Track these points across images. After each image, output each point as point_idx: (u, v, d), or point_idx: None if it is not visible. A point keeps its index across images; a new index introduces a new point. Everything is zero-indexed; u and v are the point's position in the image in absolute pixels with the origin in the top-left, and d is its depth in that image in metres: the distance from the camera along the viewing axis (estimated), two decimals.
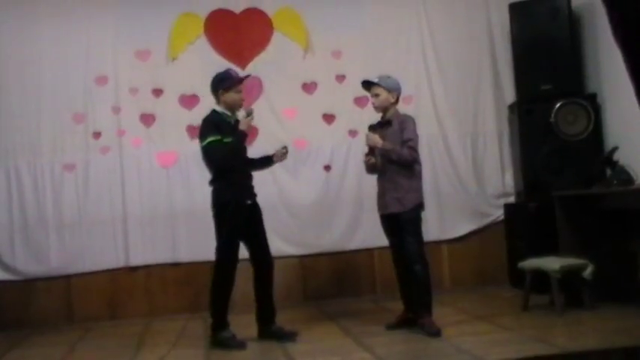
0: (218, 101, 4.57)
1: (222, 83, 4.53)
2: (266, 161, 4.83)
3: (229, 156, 4.46)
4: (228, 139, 4.44)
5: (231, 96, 4.53)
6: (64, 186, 5.84)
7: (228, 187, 4.45)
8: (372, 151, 4.63)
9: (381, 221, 4.74)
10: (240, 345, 4.41)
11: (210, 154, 4.46)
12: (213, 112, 4.57)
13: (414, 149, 4.47)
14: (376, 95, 4.60)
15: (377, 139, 4.54)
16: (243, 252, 4.59)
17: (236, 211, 4.42)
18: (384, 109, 4.64)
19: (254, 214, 4.60)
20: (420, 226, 4.56)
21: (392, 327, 4.64)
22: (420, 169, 4.61)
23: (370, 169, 4.74)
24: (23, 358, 4.75)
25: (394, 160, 4.49)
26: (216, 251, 4.49)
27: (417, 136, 4.54)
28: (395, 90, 4.62)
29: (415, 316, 4.52)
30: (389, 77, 4.67)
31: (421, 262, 4.49)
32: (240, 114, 4.63)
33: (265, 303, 4.61)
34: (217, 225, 4.49)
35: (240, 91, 4.59)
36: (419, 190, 4.57)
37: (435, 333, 4.33)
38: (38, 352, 4.86)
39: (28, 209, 5.78)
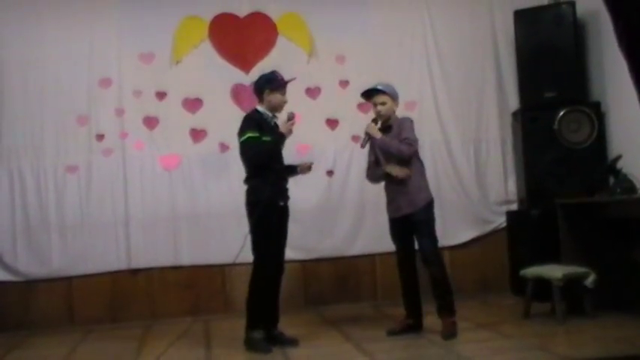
0: (261, 100, 4.59)
1: (270, 84, 4.56)
2: (291, 170, 4.81)
3: (264, 154, 4.48)
4: (266, 138, 4.46)
5: (276, 97, 4.56)
6: (67, 188, 5.84)
7: (264, 185, 4.44)
8: (365, 142, 4.67)
9: (390, 225, 4.72)
10: (267, 349, 4.37)
11: (246, 150, 4.47)
12: (256, 110, 4.61)
13: (411, 144, 4.47)
14: (383, 104, 4.59)
15: (376, 130, 4.56)
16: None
17: (270, 211, 4.41)
18: (388, 117, 4.64)
19: (284, 216, 4.62)
20: (434, 226, 4.56)
21: (393, 333, 4.63)
22: (424, 169, 4.65)
23: (373, 177, 4.74)
24: (24, 359, 4.75)
25: (393, 153, 4.49)
26: (257, 250, 4.46)
27: (414, 135, 4.54)
28: (397, 97, 4.67)
29: (439, 315, 4.50)
30: (388, 85, 4.68)
31: (437, 262, 4.50)
32: (282, 116, 4.63)
33: (271, 307, 4.61)
34: (252, 224, 4.47)
35: (284, 94, 4.62)
36: (427, 188, 4.60)
37: (448, 335, 4.33)
38: (39, 354, 4.86)
39: (31, 210, 5.78)
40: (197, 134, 5.96)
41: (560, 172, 5.68)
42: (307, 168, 4.80)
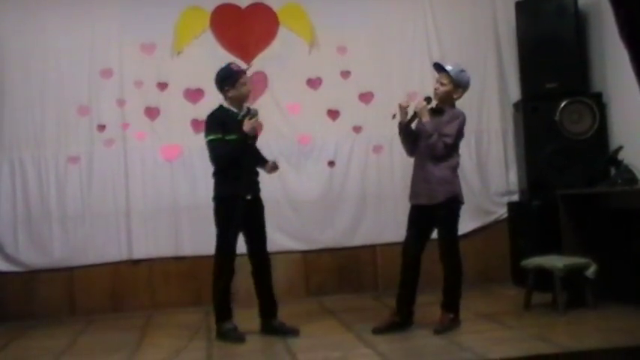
0: (225, 97, 4.56)
1: (228, 79, 4.52)
2: (263, 163, 4.78)
3: (227, 156, 4.47)
4: (231, 137, 4.44)
5: (238, 90, 4.52)
6: (68, 178, 5.84)
7: (229, 180, 4.47)
8: (408, 124, 4.45)
9: (411, 209, 4.54)
10: (240, 338, 4.43)
11: (211, 152, 4.50)
12: (220, 107, 4.57)
13: (448, 145, 4.32)
14: (442, 83, 4.44)
15: (425, 110, 4.37)
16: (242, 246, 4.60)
17: (233, 205, 4.42)
18: (442, 99, 4.46)
19: (254, 209, 4.59)
20: (456, 221, 4.42)
21: (379, 331, 4.43)
22: (456, 163, 4.44)
23: (407, 142, 4.54)
24: (26, 349, 4.76)
25: (428, 144, 4.34)
26: (218, 244, 4.51)
27: (459, 134, 4.41)
28: (463, 86, 4.47)
29: (441, 307, 4.46)
30: (462, 71, 4.49)
31: (453, 260, 4.40)
32: (242, 113, 4.55)
33: (266, 298, 4.62)
34: (216, 218, 4.52)
35: (245, 83, 4.58)
36: (452, 181, 4.39)
37: (439, 330, 4.31)
38: (40, 344, 4.86)
39: (32, 201, 5.78)
40: (198, 125, 5.93)
41: (561, 163, 5.68)
42: (273, 167, 4.75)
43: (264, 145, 6.01)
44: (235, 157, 4.47)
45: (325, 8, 6.17)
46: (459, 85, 4.45)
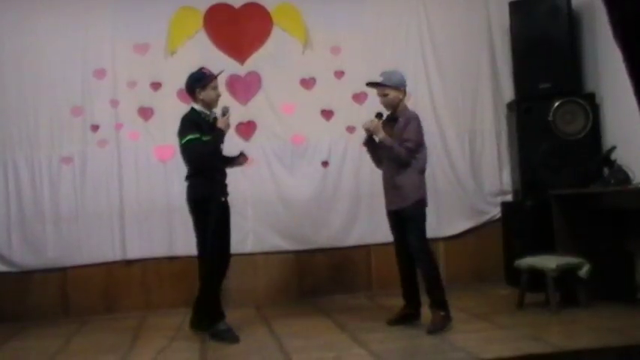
0: (195, 100, 4.62)
1: (198, 82, 4.59)
2: (230, 162, 4.83)
3: (208, 154, 4.52)
4: (207, 137, 4.49)
5: (208, 94, 4.59)
6: (62, 179, 5.83)
7: (206, 182, 4.51)
8: (370, 140, 4.62)
9: (387, 216, 4.72)
10: (234, 338, 4.44)
11: (189, 152, 4.51)
12: (192, 110, 4.62)
13: (411, 150, 4.44)
14: (384, 95, 4.56)
15: (378, 128, 4.50)
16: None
17: (212, 207, 4.46)
18: (394, 107, 4.59)
19: (225, 211, 4.66)
20: (423, 222, 4.52)
21: (393, 322, 4.66)
22: (421, 166, 4.56)
23: (373, 156, 4.72)
24: (19, 350, 4.75)
25: (389, 153, 4.49)
26: (201, 246, 4.54)
27: (419, 135, 4.51)
28: (402, 85, 4.60)
29: (430, 309, 4.50)
30: (393, 72, 4.65)
31: (425, 258, 4.49)
32: (217, 112, 4.65)
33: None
34: (196, 220, 4.56)
35: (215, 88, 4.64)
36: (420, 186, 4.54)
37: (432, 329, 4.34)
38: (34, 345, 4.85)
39: (26, 201, 5.77)
40: None
41: (554, 163, 5.70)
42: (244, 158, 4.82)
43: (258, 145, 6.06)
44: (213, 156, 4.54)
45: (319, 8, 6.18)
46: (398, 87, 4.56)
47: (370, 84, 4.69)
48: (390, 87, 4.55)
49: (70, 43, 5.86)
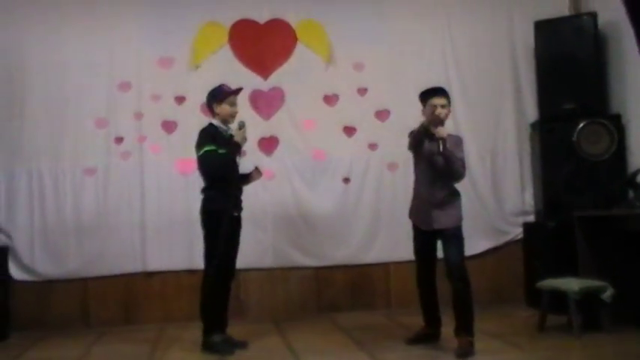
0: (213, 115, 4.71)
1: (216, 97, 4.68)
2: (245, 179, 4.88)
3: (223, 166, 4.58)
4: (222, 150, 4.55)
5: (225, 109, 4.67)
6: (85, 190, 5.88)
7: (221, 196, 4.54)
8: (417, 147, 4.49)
9: (415, 235, 4.61)
10: (228, 351, 4.49)
11: (205, 164, 4.58)
12: (210, 125, 4.70)
13: (465, 168, 4.49)
14: (443, 106, 4.42)
15: (445, 132, 4.35)
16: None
17: (224, 221, 4.48)
18: (443, 123, 4.43)
19: (236, 226, 4.70)
20: (463, 243, 4.44)
21: (411, 342, 4.61)
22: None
23: (416, 143, 4.50)
24: (40, 359, 4.78)
25: (449, 165, 4.36)
26: (209, 258, 4.55)
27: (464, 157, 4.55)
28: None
29: (455, 333, 4.37)
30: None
31: (463, 278, 4.34)
32: (233, 126, 4.71)
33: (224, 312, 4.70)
34: (206, 232, 4.61)
35: (233, 104, 4.71)
36: (460, 207, 4.51)
37: (462, 354, 4.18)
38: (54, 354, 4.88)
39: (49, 212, 5.82)
40: None
41: (578, 185, 5.64)
42: (258, 172, 4.90)
43: (279, 160, 6.08)
44: (228, 168, 4.58)
45: (343, 25, 6.20)
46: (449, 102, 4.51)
47: (429, 90, 4.52)
48: (449, 98, 4.50)
49: (95, 56, 5.93)
